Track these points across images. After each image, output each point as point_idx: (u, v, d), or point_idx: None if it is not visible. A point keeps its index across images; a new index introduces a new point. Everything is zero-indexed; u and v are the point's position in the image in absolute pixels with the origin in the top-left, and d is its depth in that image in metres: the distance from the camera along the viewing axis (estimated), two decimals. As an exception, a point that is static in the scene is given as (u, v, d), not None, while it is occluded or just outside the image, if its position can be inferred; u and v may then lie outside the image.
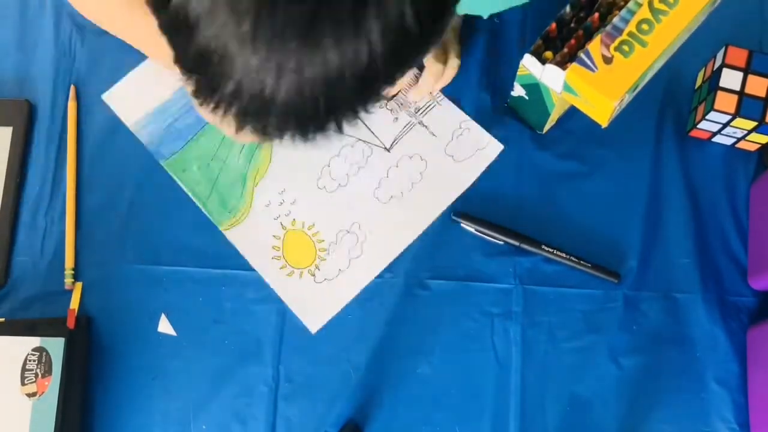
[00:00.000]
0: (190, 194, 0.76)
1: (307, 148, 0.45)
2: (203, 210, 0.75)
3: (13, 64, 0.80)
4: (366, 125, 0.77)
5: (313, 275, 0.73)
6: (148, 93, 0.78)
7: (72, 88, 0.79)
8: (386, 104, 0.78)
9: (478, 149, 0.76)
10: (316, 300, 0.73)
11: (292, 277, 0.73)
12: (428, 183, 0.76)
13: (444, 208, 0.75)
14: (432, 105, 0.78)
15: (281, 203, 0.75)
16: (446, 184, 0.76)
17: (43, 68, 0.80)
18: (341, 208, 0.75)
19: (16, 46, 0.81)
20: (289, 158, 0.76)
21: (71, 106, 0.78)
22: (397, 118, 0.78)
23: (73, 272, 0.73)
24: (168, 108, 0.78)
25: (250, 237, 0.74)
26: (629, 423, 0.70)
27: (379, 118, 0.77)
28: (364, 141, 0.77)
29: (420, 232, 0.74)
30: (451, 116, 0.77)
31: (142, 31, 0.68)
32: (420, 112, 0.78)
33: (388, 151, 0.77)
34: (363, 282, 0.73)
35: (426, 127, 0.77)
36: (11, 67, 0.80)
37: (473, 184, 0.76)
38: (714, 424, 0.70)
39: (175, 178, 0.76)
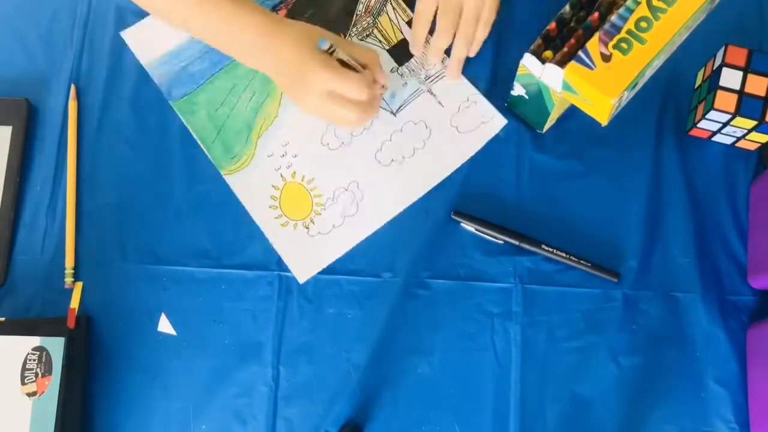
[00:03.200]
0: (195, 136, 0.77)
1: None
2: (207, 153, 0.77)
3: (13, 63, 0.80)
4: None
5: (307, 228, 0.75)
6: (165, 35, 0.80)
7: (72, 88, 0.79)
8: (398, 69, 0.79)
9: (482, 122, 0.77)
10: (308, 252, 0.74)
11: (286, 228, 0.75)
12: (430, 151, 0.77)
13: (442, 177, 0.76)
14: (442, 74, 0.79)
15: (283, 155, 0.77)
16: (447, 153, 0.77)
17: (43, 68, 0.80)
18: (342, 166, 0.76)
19: (16, 46, 0.81)
20: (296, 113, 0.77)
21: (72, 105, 0.78)
22: (406, 83, 0.79)
23: (73, 272, 0.74)
24: (183, 51, 0.80)
25: (250, 184, 0.76)
26: (629, 423, 0.70)
27: (388, 83, 0.77)
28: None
29: (416, 197, 0.75)
30: (461, 88, 0.78)
31: (214, 25, 0.71)
32: (430, 80, 0.78)
33: (394, 115, 0.78)
34: (354, 240, 0.74)
35: (434, 95, 0.78)
36: (11, 67, 0.80)
37: (470, 171, 0.76)
38: (714, 423, 0.70)
39: (182, 119, 0.78)
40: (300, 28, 0.71)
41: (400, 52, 0.80)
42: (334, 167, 0.76)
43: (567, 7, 0.66)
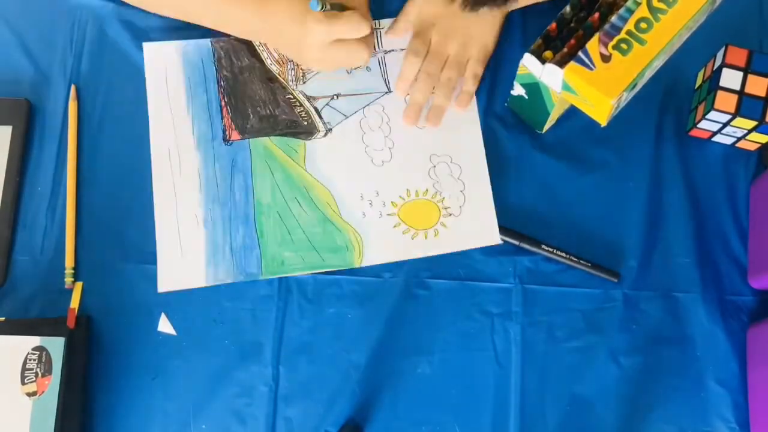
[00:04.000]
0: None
1: None
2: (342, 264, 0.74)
3: (13, 63, 0.80)
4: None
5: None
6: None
7: (72, 88, 0.79)
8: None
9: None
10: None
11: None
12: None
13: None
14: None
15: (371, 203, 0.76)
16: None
17: (42, 67, 0.80)
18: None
19: (17, 46, 0.81)
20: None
21: (72, 106, 0.78)
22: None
23: (73, 271, 0.73)
24: None
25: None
26: (629, 423, 0.70)
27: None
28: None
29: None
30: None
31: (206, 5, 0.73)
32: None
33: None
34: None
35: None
36: (11, 67, 0.80)
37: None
38: (714, 423, 0.70)
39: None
40: None
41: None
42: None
43: (567, 8, 0.66)
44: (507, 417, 0.70)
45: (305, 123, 0.77)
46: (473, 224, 0.74)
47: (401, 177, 0.76)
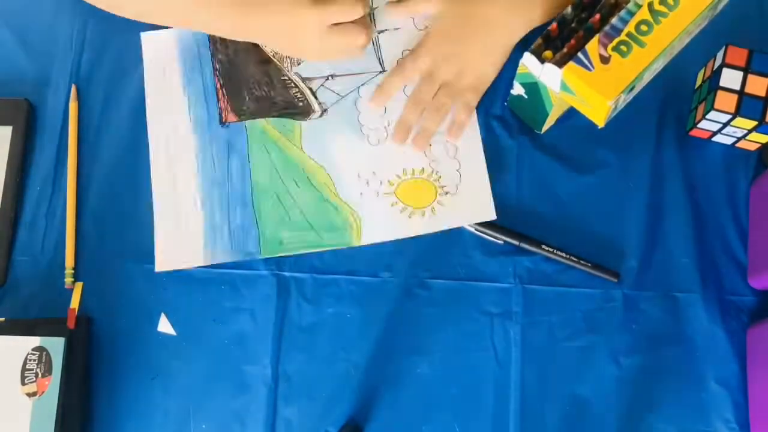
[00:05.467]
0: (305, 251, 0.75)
1: None
2: (324, 246, 0.74)
3: (13, 63, 0.80)
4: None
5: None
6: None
7: (73, 88, 0.79)
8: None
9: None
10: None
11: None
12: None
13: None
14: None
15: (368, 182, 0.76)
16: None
17: (43, 68, 0.80)
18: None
19: (17, 46, 0.81)
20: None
21: (72, 106, 0.78)
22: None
23: (73, 272, 0.74)
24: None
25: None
26: (629, 423, 0.70)
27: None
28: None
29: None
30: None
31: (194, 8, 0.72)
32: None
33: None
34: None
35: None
36: (11, 67, 0.80)
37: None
38: (714, 424, 0.70)
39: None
40: None
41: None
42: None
43: (569, 8, 0.66)
44: (507, 417, 0.70)
45: (300, 104, 0.78)
46: (469, 201, 0.75)
47: (398, 156, 0.76)
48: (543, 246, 0.73)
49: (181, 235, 0.74)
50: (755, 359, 0.70)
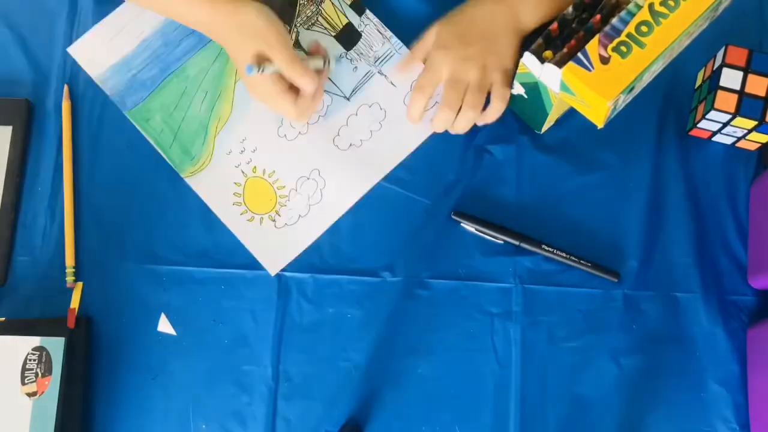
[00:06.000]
0: (153, 143, 0.77)
1: None
2: (166, 158, 0.77)
3: (13, 63, 0.80)
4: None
5: (273, 221, 0.75)
6: (111, 46, 0.80)
7: (65, 88, 0.79)
8: (346, 54, 0.79)
9: (436, 101, 0.76)
10: (277, 244, 0.75)
11: (252, 222, 0.75)
12: (388, 131, 0.77)
13: (403, 157, 0.77)
14: (392, 54, 0.79)
15: (242, 151, 0.77)
16: (404, 133, 0.77)
17: (43, 68, 0.80)
18: (301, 156, 0.77)
19: (17, 46, 0.81)
20: (250, 108, 0.78)
21: (65, 105, 0.78)
22: (356, 68, 0.79)
23: (73, 271, 0.74)
24: (131, 60, 0.80)
25: (212, 184, 0.76)
26: (629, 423, 0.70)
27: (339, 68, 0.79)
28: (324, 90, 0.78)
29: (378, 179, 0.76)
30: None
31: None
32: (378, 61, 0.79)
33: (348, 100, 0.78)
34: (322, 228, 0.75)
35: (385, 76, 0.79)
36: (11, 67, 0.80)
37: (470, 171, 0.76)
38: (714, 424, 0.70)
39: (138, 127, 0.78)
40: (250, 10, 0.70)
41: (347, 38, 0.80)
42: (294, 157, 0.77)
43: (570, 9, 0.66)
44: (507, 417, 0.70)
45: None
46: None
47: (297, 161, 0.77)
48: (543, 246, 0.73)
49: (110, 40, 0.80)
50: (755, 359, 0.70)
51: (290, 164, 0.77)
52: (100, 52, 0.80)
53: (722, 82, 0.71)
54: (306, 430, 0.71)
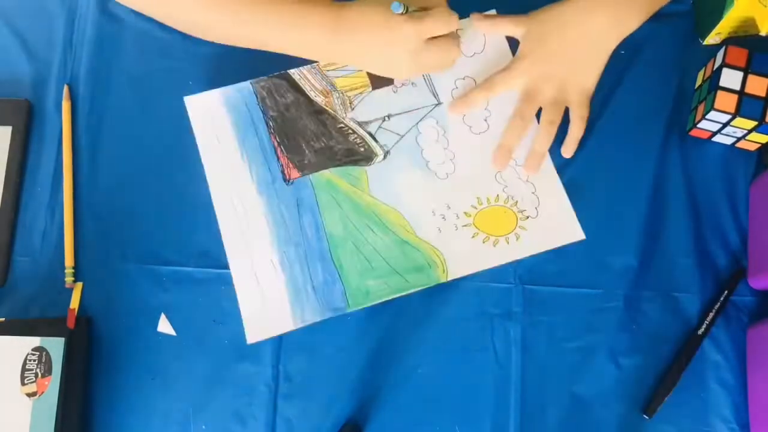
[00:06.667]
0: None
1: None
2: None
3: (13, 63, 0.80)
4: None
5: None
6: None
7: (65, 88, 0.79)
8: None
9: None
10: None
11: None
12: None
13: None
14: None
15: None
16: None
17: (43, 68, 0.80)
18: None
19: (17, 46, 0.81)
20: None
21: (65, 106, 0.78)
22: None
23: (73, 271, 0.73)
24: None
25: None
26: (629, 423, 0.70)
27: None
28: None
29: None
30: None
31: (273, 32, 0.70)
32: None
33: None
34: None
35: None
36: (11, 67, 0.80)
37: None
38: (714, 424, 0.70)
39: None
40: (360, 5, 0.69)
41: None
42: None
43: None
44: (507, 417, 0.70)
45: (362, 149, 0.76)
46: (552, 223, 0.74)
47: (469, 186, 0.75)
48: (543, 246, 0.73)
49: (266, 303, 0.72)
50: (755, 359, 0.70)
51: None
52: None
53: (722, 83, 0.71)
54: (306, 430, 0.70)
